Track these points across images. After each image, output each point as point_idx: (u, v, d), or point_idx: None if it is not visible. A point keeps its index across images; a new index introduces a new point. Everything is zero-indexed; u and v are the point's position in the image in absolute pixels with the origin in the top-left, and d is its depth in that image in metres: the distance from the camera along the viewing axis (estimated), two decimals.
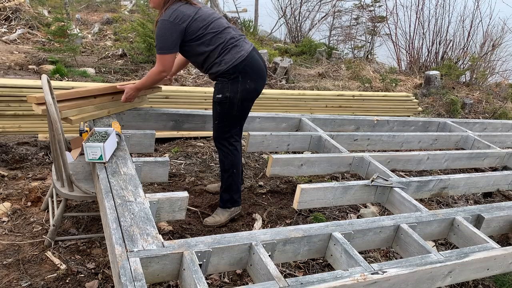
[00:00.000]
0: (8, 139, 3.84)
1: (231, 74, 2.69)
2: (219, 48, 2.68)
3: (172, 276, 1.75)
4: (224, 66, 2.68)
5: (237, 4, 12.51)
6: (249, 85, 2.75)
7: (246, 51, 2.73)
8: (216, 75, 2.74)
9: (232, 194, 2.94)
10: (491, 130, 4.68)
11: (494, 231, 2.57)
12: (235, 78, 2.70)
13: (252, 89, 2.79)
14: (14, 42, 7.69)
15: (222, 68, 2.69)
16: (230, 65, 2.68)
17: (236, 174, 2.92)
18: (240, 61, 2.69)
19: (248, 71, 2.73)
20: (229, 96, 2.72)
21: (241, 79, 2.71)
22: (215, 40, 2.67)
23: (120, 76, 6.41)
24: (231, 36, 2.72)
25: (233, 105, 2.75)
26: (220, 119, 2.82)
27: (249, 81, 2.74)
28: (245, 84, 2.73)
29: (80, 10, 11.97)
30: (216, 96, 2.77)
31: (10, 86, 3.42)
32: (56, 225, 2.50)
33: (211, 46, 2.67)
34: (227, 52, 2.68)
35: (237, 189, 2.96)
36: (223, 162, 2.90)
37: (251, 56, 2.74)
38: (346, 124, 3.83)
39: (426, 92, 7.36)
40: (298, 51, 9.91)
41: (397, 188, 2.62)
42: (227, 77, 2.70)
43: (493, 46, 9.02)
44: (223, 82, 2.72)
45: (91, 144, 2.22)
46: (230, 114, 2.80)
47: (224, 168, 2.91)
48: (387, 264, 1.86)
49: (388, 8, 10.33)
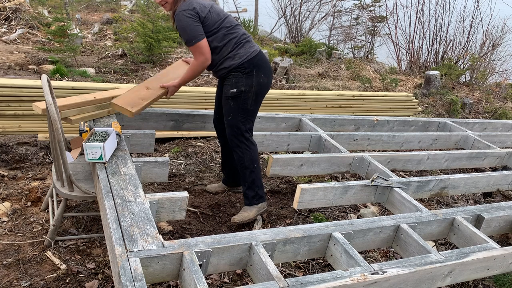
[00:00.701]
0: (8, 139, 3.84)
1: (246, 68, 2.71)
2: (232, 42, 2.70)
3: (172, 276, 1.75)
4: (238, 60, 2.69)
5: (237, 4, 12.52)
6: (263, 80, 2.78)
7: (258, 48, 2.79)
8: (228, 69, 2.73)
9: (256, 190, 2.89)
10: (491, 130, 4.68)
11: (494, 231, 2.57)
12: (250, 72, 2.72)
13: (266, 83, 2.81)
14: (14, 42, 7.69)
15: (236, 62, 2.70)
16: (245, 58, 2.70)
17: (257, 168, 2.87)
18: (254, 55, 2.73)
19: (261, 65, 2.77)
20: (244, 90, 2.72)
21: (256, 73, 2.73)
22: (228, 35, 2.69)
23: (120, 76, 6.41)
24: (243, 32, 2.78)
25: (247, 99, 2.76)
26: (234, 114, 2.79)
27: (262, 75, 2.77)
28: (259, 78, 2.75)
29: (80, 10, 11.97)
30: (230, 91, 2.75)
31: (10, 86, 3.42)
32: (56, 225, 2.49)
33: (224, 41, 2.69)
34: (241, 47, 2.71)
35: (260, 184, 2.91)
36: (242, 159, 2.85)
37: (261, 52, 2.80)
38: (346, 124, 3.84)
39: (426, 92, 7.36)
40: (298, 51, 9.91)
41: (397, 188, 2.62)
42: (242, 71, 2.71)
43: (493, 46, 9.02)
44: (237, 77, 2.72)
45: (91, 144, 2.22)
46: (245, 108, 2.79)
47: (244, 165, 2.85)
48: (387, 264, 1.86)
49: (388, 8, 10.34)
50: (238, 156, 2.87)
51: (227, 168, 3.29)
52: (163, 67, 6.91)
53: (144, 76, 6.53)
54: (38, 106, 2.47)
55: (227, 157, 3.22)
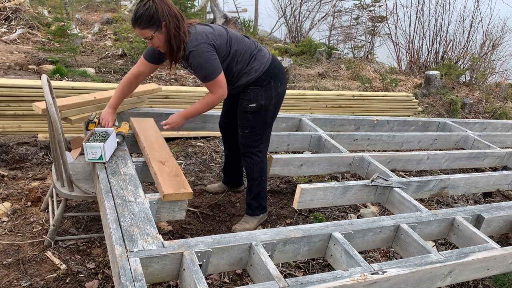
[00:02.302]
0: (8, 139, 3.84)
1: (263, 80, 2.60)
2: (244, 58, 2.55)
3: (172, 276, 1.75)
4: (255, 74, 2.58)
5: (237, 4, 12.53)
6: (281, 89, 2.70)
7: (269, 54, 2.66)
8: (245, 85, 2.61)
9: (261, 202, 2.87)
10: (491, 130, 4.68)
11: (494, 231, 2.57)
12: (268, 84, 2.62)
13: (283, 91, 2.74)
14: (14, 42, 7.69)
15: (253, 77, 2.58)
16: (261, 71, 2.58)
17: (264, 181, 2.83)
18: (269, 65, 2.61)
19: (277, 73, 2.66)
20: (264, 103, 2.63)
21: (273, 84, 2.64)
22: (239, 53, 2.54)
23: (120, 76, 6.40)
24: (252, 42, 2.63)
25: (267, 112, 2.68)
26: (253, 127, 2.70)
27: (280, 84, 2.69)
28: (277, 88, 2.67)
29: (80, 10, 11.97)
30: (249, 105, 2.64)
31: (10, 86, 3.42)
32: (56, 225, 2.49)
33: (236, 59, 2.54)
34: (254, 60, 2.58)
35: (265, 195, 2.89)
36: (251, 170, 2.79)
37: (273, 57, 2.68)
38: (346, 124, 3.83)
39: (426, 92, 7.36)
40: (298, 51, 9.91)
41: (397, 188, 2.62)
42: (260, 84, 2.60)
43: (493, 46, 9.02)
44: (255, 91, 2.61)
45: (91, 144, 2.22)
46: (265, 122, 2.72)
47: (253, 176, 2.80)
48: (387, 264, 1.86)
49: (388, 8, 10.34)
50: (248, 165, 2.81)
51: (228, 169, 3.28)
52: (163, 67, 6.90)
53: None
54: (38, 106, 2.47)
55: (230, 159, 3.19)
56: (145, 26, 2.28)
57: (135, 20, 2.29)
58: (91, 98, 2.74)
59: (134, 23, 2.30)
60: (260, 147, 2.77)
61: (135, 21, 2.29)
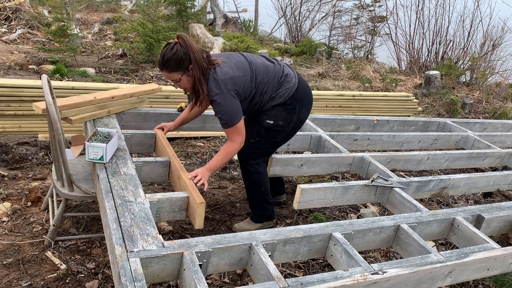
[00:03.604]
0: (8, 139, 3.84)
1: (289, 104, 2.57)
2: (270, 86, 2.51)
3: (172, 276, 1.75)
4: (280, 99, 2.55)
5: (237, 4, 12.54)
6: (303, 115, 2.68)
7: (295, 77, 2.61)
8: (271, 107, 2.59)
9: (264, 211, 2.83)
10: (491, 130, 4.68)
11: (494, 231, 2.57)
12: (292, 108, 2.59)
13: (303, 118, 2.71)
14: (14, 42, 7.69)
15: (279, 102, 2.55)
16: (287, 96, 2.55)
17: (264, 191, 2.77)
18: (295, 90, 2.58)
19: (303, 98, 2.63)
20: (282, 124, 2.60)
21: (298, 109, 2.61)
22: (264, 83, 2.49)
23: (120, 76, 6.41)
24: (277, 68, 2.57)
25: (281, 133, 2.65)
26: (260, 141, 2.66)
27: (304, 110, 2.66)
28: (300, 114, 2.64)
29: (80, 10, 11.97)
30: (266, 121, 2.59)
31: (10, 86, 3.42)
32: (56, 225, 2.49)
33: (262, 90, 2.50)
34: (279, 87, 2.54)
35: (268, 205, 2.83)
36: (248, 181, 2.77)
37: (300, 81, 2.64)
38: (346, 124, 3.83)
39: (426, 92, 7.36)
40: (298, 51, 9.91)
41: (397, 188, 2.62)
42: (284, 106, 2.57)
43: (493, 46, 9.02)
44: (278, 110, 2.58)
45: (94, 144, 2.23)
46: (274, 141, 2.70)
47: (251, 185, 2.78)
48: (387, 264, 1.86)
49: (388, 8, 10.34)
50: (243, 175, 2.79)
51: None
52: None
53: (144, 76, 6.53)
54: (38, 106, 2.47)
55: None
56: (173, 69, 2.30)
57: (162, 64, 2.30)
58: (91, 98, 2.74)
59: (162, 66, 2.32)
60: (258, 160, 2.72)
61: (162, 65, 2.31)
